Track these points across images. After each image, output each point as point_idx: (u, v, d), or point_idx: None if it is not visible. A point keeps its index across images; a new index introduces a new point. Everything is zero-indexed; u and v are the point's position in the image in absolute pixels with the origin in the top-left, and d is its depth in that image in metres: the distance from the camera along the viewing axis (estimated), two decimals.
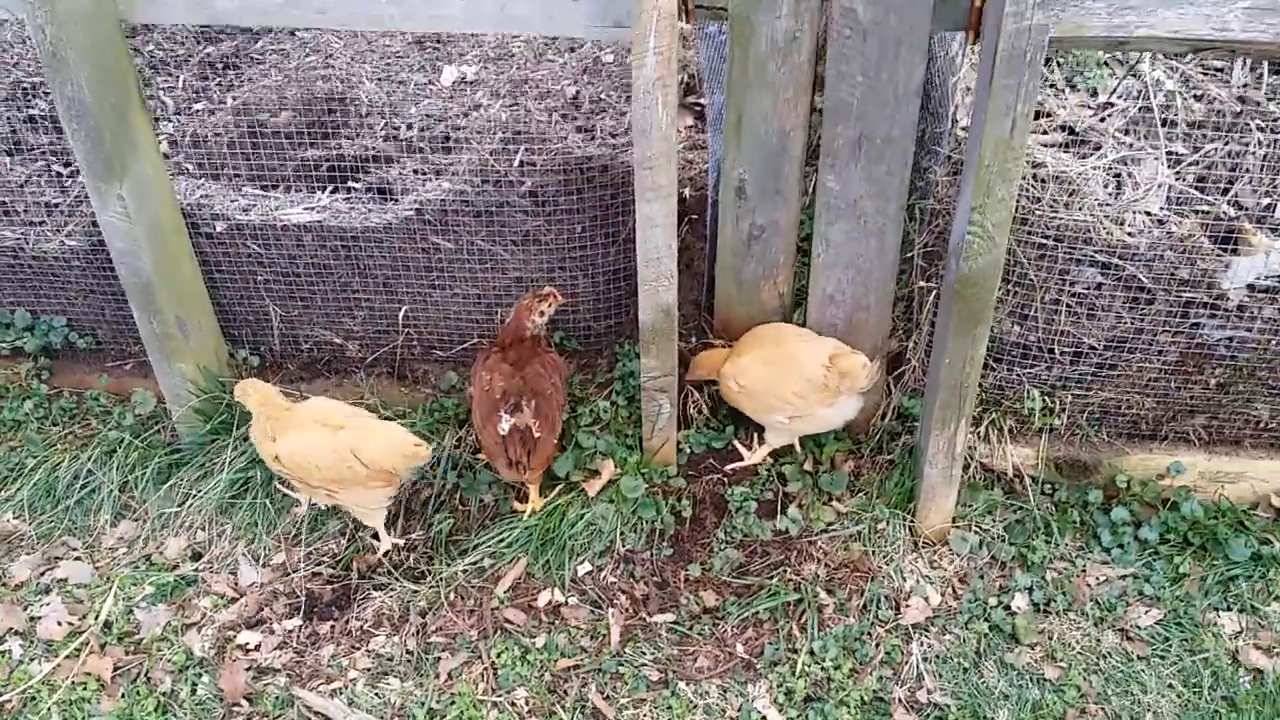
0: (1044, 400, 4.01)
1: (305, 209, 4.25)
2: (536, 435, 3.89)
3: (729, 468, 4.25)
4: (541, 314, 4.07)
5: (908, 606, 3.83)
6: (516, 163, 4.15)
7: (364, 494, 3.95)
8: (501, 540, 4.09)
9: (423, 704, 3.67)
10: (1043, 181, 3.68)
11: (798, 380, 3.92)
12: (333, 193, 4.32)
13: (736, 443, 4.30)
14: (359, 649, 3.86)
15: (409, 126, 4.49)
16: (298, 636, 3.92)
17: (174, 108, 4.73)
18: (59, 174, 4.43)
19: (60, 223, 4.34)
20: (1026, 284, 3.78)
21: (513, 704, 3.66)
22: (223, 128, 4.50)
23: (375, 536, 4.15)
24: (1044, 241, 3.70)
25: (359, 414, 4.05)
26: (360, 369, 4.57)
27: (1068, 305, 3.80)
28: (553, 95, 4.59)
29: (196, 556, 4.19)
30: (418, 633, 3.88)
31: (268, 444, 3.98)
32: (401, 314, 4.41)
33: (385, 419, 4.21)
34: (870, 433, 4.26)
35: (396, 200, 4.24)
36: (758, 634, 3.81)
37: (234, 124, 4.50)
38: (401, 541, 4.15)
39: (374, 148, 4.42)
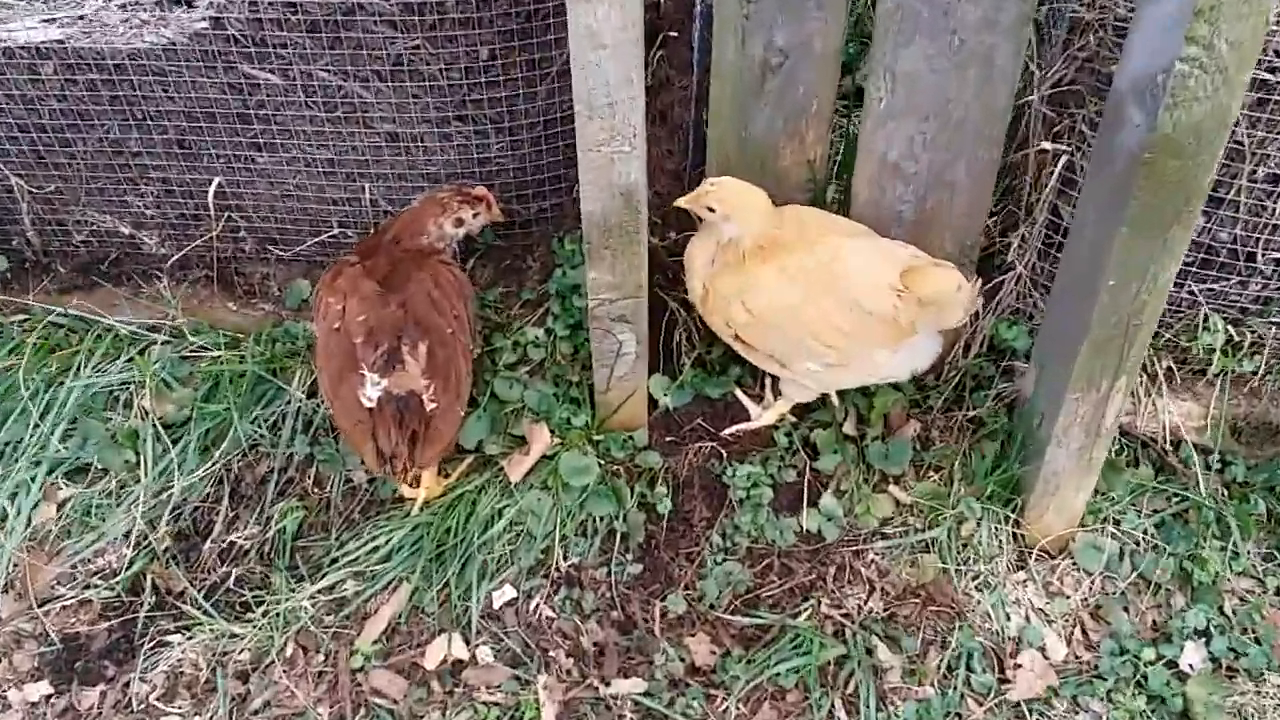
0: (1228, 331, 2.55)
1: (41, 21, 2.63)
2: (430, 405, 2.37)
3: (728, 432, 2.77)
4: (459, 222, 2.63)
5: (1017, 666, 2.42)
6: None
7: None
8: (374, 550, 2.66)
9: None
10: None
11: (847, 308, 2.40)
12: None
13: (740, 392, 2.80)
14: None
15: None
16: (46, 716, 2.48)
17: None
18: None
19: None
20: (1227, 147, 2.28)
21: None
22: None
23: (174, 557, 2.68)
24: (1267, 77, 2.19)
25: None
26: (163, 272, 3.01)
27: None
28: None
29: None
30: (234, 710, 2.44)
31: None
32: (212, 189, 2.83)
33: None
34: (944, 375, 2.78)
35: (189, 4, 2.62)
36: (778, 715, 2.40)
37: None
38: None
39: None
